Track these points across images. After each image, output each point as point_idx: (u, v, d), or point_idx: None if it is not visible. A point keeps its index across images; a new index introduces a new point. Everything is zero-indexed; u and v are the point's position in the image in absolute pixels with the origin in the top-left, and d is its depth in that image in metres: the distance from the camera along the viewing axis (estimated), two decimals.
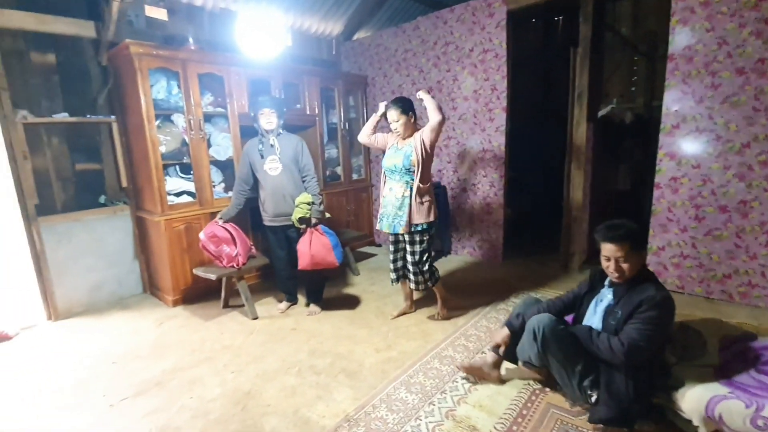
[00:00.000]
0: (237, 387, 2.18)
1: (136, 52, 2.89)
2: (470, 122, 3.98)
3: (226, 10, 3.96)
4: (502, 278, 3.60)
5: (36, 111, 2.99)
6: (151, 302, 3.42)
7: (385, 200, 2.70)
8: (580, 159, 3.47)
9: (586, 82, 3.33)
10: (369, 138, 2.83)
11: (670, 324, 1.75)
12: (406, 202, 2.56)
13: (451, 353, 2.40)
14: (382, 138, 2.80)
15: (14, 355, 2.65)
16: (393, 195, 2.61)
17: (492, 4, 3.62)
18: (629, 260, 1.72)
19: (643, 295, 1.68)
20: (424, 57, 4.19)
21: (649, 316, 1.64)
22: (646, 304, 1.65)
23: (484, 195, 4.04)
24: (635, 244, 1.74)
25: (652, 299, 1.65)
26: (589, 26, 3.28)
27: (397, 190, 2.59)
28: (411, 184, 2.56)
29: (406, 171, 2.56)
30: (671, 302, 1.69)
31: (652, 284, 1.72)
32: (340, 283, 3.70)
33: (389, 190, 2.65)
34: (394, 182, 2.63)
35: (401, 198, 2.57)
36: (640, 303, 1.67)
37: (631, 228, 1.74)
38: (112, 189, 3.42)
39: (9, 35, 2.84)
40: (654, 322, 1.64)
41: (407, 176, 2.57)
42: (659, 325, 1.65)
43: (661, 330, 1.67)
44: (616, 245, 1.72)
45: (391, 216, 2.62)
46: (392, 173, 2.64)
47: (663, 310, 1.66)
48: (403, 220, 2.56)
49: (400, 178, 2.59)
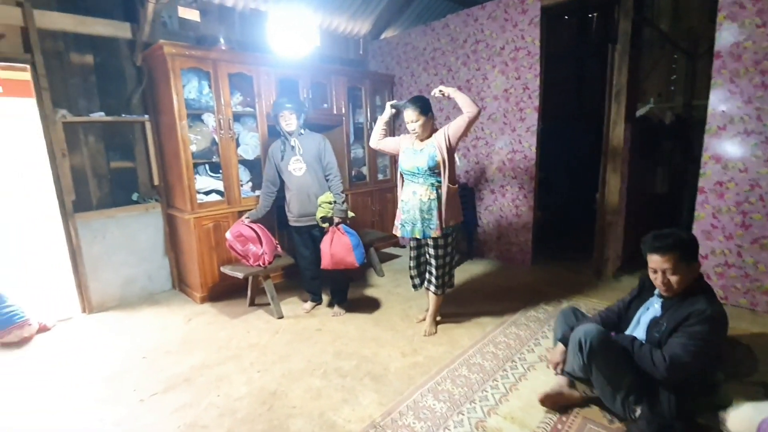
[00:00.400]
0: (263, 386, 2.18)
1: (169, 52, 2.94)
2: (500, 122, 3.88)
3: (256, 11, 3.99)
4: (531, 283, 3.49)
5: (74, 110, 3.08)
6: (179, 298, 3.49)
7: (407, 204, 2.54)
8: (616, 160, 3.32)
9: (624, 81, 3.18)
10: (378, 143, 2.72)
11: (720, 342, 1.61)
12: (434, 205, 2.44)
13: (479, 361, 2.33)
14: (392, 141, 2.69)
15: (52, 346, 2.74)
16: (418, 198, 2.47)
17: (525, 1, 3.51)
18: (678, 272, 1.61)
19: (692, 308, 1.57)
20: (453, 55, 4.11)
21: (697, 331, 1.53)
22: (694, 318, 1.54)
23: (512, 197, 3.93)
24: (685, 254, 1.61)
25: (701, 313, 1.54)
26: (629, 22, 3.13)
27: (422, 193, 2.46)
28: (437, 186, 2.46)
29: (430, 173, 2.44)
30: (724, 318, 1.57)
31: (704, 297, 1.60)
32: (364, 284, 3.68)
33: (412, 194, 2.50)
34: (417, 185, 2.49)
35: (428, 201, 2.44)
36: (687, 316, 1.57)
37: (680, 237, 1.62)
38: (144, 187, 3.50)
39: (50, 36, 2.94)
40: (701, 338, 1.53)
41: (432, 178, 2.44)
42: (707, 342, 1.54)
43: (708, 347, 1.55)
44: (663, 256, 1.61)
45: (419, 221, 2.48)
46: (414, 176, 2.50)
47: (713, 326, 1.54)
48: (434, 224, 2.46)
49: (425, 181, 2.46)
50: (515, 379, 2.14)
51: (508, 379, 2.14)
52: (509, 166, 3.89)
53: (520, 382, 2.12)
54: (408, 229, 2.56)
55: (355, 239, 2.87)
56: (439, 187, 2.46)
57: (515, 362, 2.31)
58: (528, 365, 2.27)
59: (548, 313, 2.91)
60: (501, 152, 3.93)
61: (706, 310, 1.54)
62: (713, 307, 1.56)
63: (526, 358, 2.35)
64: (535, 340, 2.55)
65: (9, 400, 2.15)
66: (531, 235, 3.85)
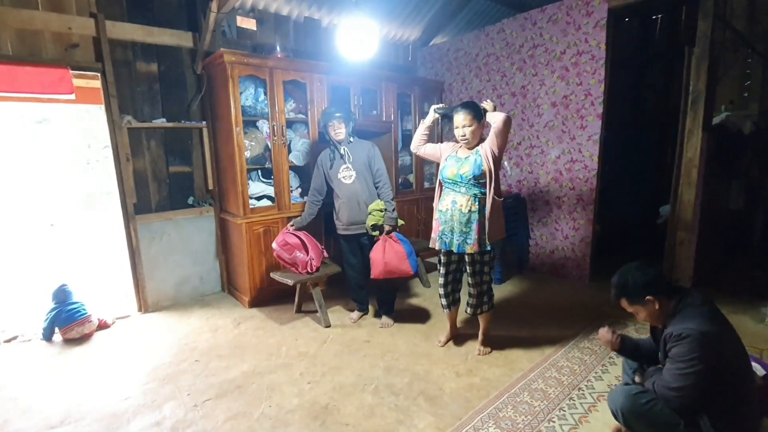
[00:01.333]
0: (314, 399, 2.13)
1: (229, 60, 3.00)
2: (558, 130, 3.68)
3: (310, 19, 4.03)
4: (590, 303, 3.26)
5: (139, 116, 3.21)
6: (229, 301, 3.54)
7: (444, 215, 2.39)
8: (691, 173, 3.05)
9: (703, 86, 2.92)
10: (419, 148, 2.60)
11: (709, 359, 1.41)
12: (474, 218, 2.29)
13: (542, 386, 2.17)
14: (433, 148, 2.56)
15: (111, 344, 2.83)
16: (457, 209, 2.32)
17: (590, 2, 3.31)
18: (638, 312, 1.59)
19: (667, 333, 1.50)
20: (508, 60, 3.96)
21: (675, 353, 1.45)
22: (670, 342, 1.48)
23: (569, 209, 3.71)
24: (630, 297, 1.59)
25: (671, 336, 1.47)
26: (709, 23, 2.87)
27: (463, 204, 2.30)
28: (480, 197, 2.29)
29: (475, 182, 2.28)
30: (698, 333, 1.41)
31: (679, 318, 1.50)
32: (410, 294, 3.58)
33: (452, 204, 2.35)
34: (458, 195, 2.33)
35: (467, 213, 2.29)
36: (665, 342, 1.51)
37: (620, 283, 1.60)
38: (199, 191, 3.59)
39: (120, 46, 3.08)
40: (681, 359, 1.43)
41: (475, 188, 2.29)
42: (689, 361, 1.41)
43: (692, 365, 1.40)
44: (617, 302, 1.64)
45: (457, 233, 2.35)
46: (456, 185, 2.34)
47: (688, 344, 1.42)
48: (471, 238, 2.30)
49: (467, 191, 2.30)
50: (584, 410, 1.97)
51: (576, 410, 1.97)
52: (567, 176, 3.68)
53: (590, 414, 1.94)
54: (446, 242, 2.42)
55: (408, 247, 2.80)
56: (481, 198, 2.30)
57: (582, 390, 2.13)
58: (597, 394, 2.09)
59: None
60: (558, 161, 3.73)
61: (674, 331, 1.47)
62: (684, 325, 1.45)
63: (594, 386, 2.16)
64: (602, 367, 2.35)
65: (72, 396, 2.23)
66: (590, 250, 3.61)
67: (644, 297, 1.56)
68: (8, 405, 2.17)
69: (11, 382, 2.39)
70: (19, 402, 2.19)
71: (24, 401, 2.19)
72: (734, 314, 2.90)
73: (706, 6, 2.90)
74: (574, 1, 3.42)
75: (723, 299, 3.14)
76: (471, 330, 2.74)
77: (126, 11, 3.09)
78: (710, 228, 3.54)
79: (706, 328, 1.42)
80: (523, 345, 2.63)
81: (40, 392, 2.27)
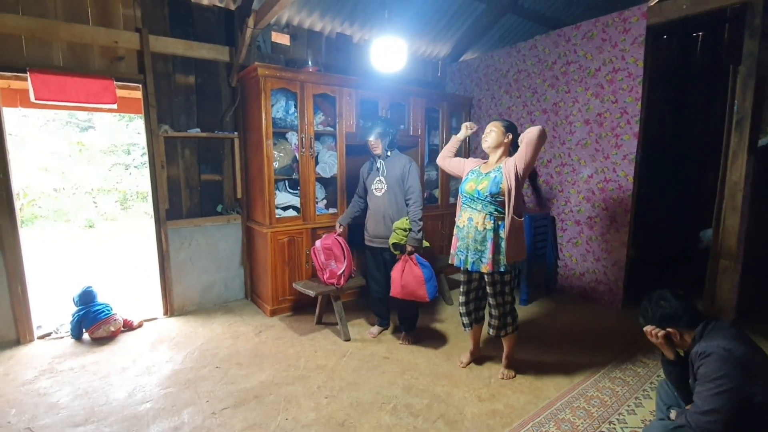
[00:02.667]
0: (331, 415, 2.09)
1: (263, 73, 3.09)
2: (591, 148, 3.57)
3: (341, 35, 4.12)
4: (623, 330, 3.09)
5: (175, 126, 3.34)
6: (251, 309, 3.57)
7: (461, 231, 2.35)
8: (736, 197, 2.87)
9: (749, 107, 2.76)
10: (445, 160, 2.58)
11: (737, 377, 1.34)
12: (489, 236, 2.22)
13: (569, 417, 2.05)
14: (458, 162, 2.52)
15: (136, 345, 2.90)
16: (473, 227, 2.27)
17: (628, 19, 3.23)
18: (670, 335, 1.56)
19: (693, 353, 1.47)
20: (540, 77, 3.90)
21: (702, 374, 1.41)
22: (696, 363, 1.44)
23: (602, 230, 3.56)
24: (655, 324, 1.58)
25: (697, 355, 1.44)
26: (756, 41, 2.74)
27: (479, 221, 2.25)
28: (495, 215, 2.22)
29: (491, 200, 2.22)
30: (722, 351, 1.36)
31: (703, 338, 1.47)
32: (433, 311, 3.51)
33: (468, 220, 2.31)
34: (474, 212, 2.28)
35: (483, 231, 2.23)
36: (692, 363, 1.48)
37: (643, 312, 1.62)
38: (228, 199, 3.67)
39: (161, 59, 3.23)
40: (709, 378, 1.38)
41: (491, 206, 2.22)
42: (717, 380, 1.35)
43: (721, 384, 1.34)
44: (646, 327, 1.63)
45: (471, 251, 2.29)
46: (473, 201, 2.29)
47: (715, 362, 1.36)
48: (486, 257, 2.23)
49: (483, 208, 2.24)
50: None
51: None
52: (600, 196, 3.55)
53: None
54: (462, 258, 2.36)
55: (428, 272, 2.72)
56: (498, 217, 2.23)
57: (614, 424, 2.00)
58: (630, 430, 1.96)
59: (648, 368, 2.53)
60: (590, 180, 3.61)
61: (699, 349, 1.44)
62: (708, 343, 1.42)
63: (626, 420, 2.03)
64: (635, 400, 2.20)
65: (97, 395, 2.27)
66: (623, 274, 3.45)
67: (665, 328, 1.55)
68: (37, 400, 2.24)
69: (42, 376, 2.47)
70: (48, 398, 2.26)
71: (52, 397, 2.26)
72: None
73: (753, 24, 2.77)
74: (610, 18, 3.34)
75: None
76: (494, 352, 2.64)
77: (168, 26, 3.25)
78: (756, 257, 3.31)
79: (732, 346, 1.38)
80: (550, 371, 2.51)
81: (67, 389, 2.34)
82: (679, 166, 4.72)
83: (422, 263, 2.73)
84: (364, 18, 3.99)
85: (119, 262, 5.37)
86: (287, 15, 3.70)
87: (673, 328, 1.54)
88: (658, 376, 2.41)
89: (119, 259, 5.65)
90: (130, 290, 4.07)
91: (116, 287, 4.11)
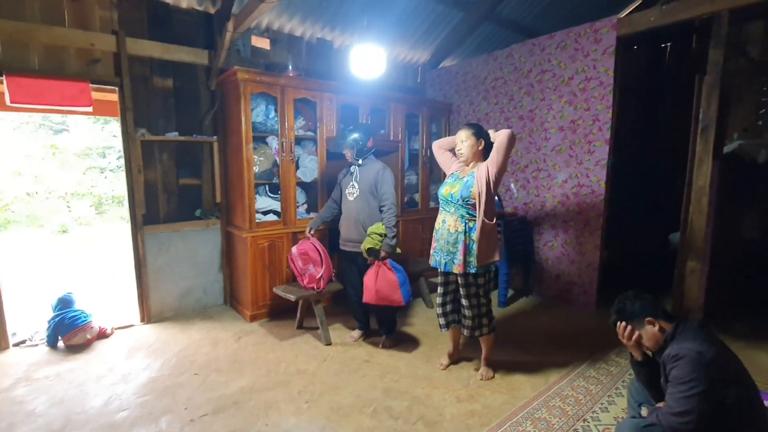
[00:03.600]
0: (312, 419, 2.09)
1: (242, 77, 3.08)
2: (565, 154, 3.68)
3: (322, 40, 4.14)
4: (597, 330, 3.19)
5: (153, 130, 3.29)
6: (230, 315, 3.53)
7: (437, 233, 2.43)
8: (702, 202, 3.01)
9: (714, 115, 2.91)
10: (440, 149, 2.58)
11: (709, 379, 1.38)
12: (460, 239, 2.29)
13: (545, 416, 2.11)
14: (447, 159, 2.54)
15: (111, 353, 2.83)
16: (446, 229, 2.35)
17: (599, 30, 3.36)
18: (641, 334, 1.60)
19: (665, 354, 1.50)
20: (516, 85, 4.01)
21: (675, 376, 1.43)
22: (669, 365, 1.47)
23: (576, 234, 3.67)
24: (632, 321, 1.62)
25: (669, 357, 1.46)
26: (720, 50, 2.88)
27: (451, 224, 2.33)
28: (467, 219, 2.30)
29: (462, 203, 2.29)
30: (693, 354, 1.40)
31: (676, 341, 1.50)
32: (412, 314, 3.54)
33: (442, 223, 2.39)
34: (448, 214, 2.36)
35: (454, 233, 2.31)
36: (664, 365, 1.50)
37: (620, 308, 1.65)
38: (207, 203, 3.63)
39: (138, 62, 3.19)
40: (681, 381, 1.40)
41: (463, 209, 2.30)
42: (689, 382, 1.38)
43: (693, 386, 1.38)
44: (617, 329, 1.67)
45: (444, 252, 2.36)
46: (447, 204, 2.37)
47: (686, 364, 1.40)
48: (457, 258, 2.30)
49: (455, 211, 2.32)
50: None
51: None
52: (574, 200, 3.66)
53: None
54: (437, 259, 2.44)
55: (402, 276, 2.74)
56: (469, 220, 2.30)
57: (587, 422, 2.06)
58: (603, 427, 2.02)
59: (621, 367, 2.62)
60: (565, 185, 3.72)
61: (671, 352, 1.46)
62: (680, 345, 1.45)
63: (599, 418, 2.10)
64: (608, 398, 2.28)
65: (73, 403, 2.21)
66: (597, 276, 3.56)
67: (644, 319, 1.59)
68: (14, 408, 2.18)
69: (18, 384, 2.40)
70: (24, 406, 2.20)
71: (29, 405, 2.21)
72: (747, 348, 2.82)
73: (718, 34, 2.92)
74: (582, 29, 3.47)
75: (736, 333, 3.07)
76: (473, 353, 2.69)
77: (146, 29, 3.21)
78: (723, 258, 3.47)
79: (703, 349, 1.42)
80: (527, 371, 2.57)
81: (44, 397, 2.28)
82: (648, 171, 4.91)
83: (396, 268, 2.77)
84: (345, 23, 4.02)
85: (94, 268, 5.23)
86: (267, 19, 3.70)
87: (653, 317, 1.57)
88: (629, 374, 2.49)
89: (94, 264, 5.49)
90: (106, 297, 3.96)
91: (91, 294, 3.99)
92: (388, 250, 2.75)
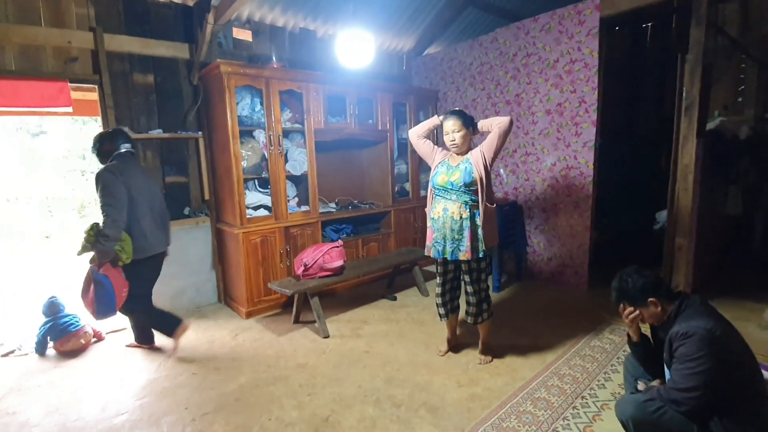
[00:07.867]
0: (314, 412, 2.10)
1: (225, 70, 3.01)
2: (553, 137, 3.71)
3: (305, 30, 4.07)
4: (590, 309, 3.25)
5: (135, 127, 3.20)
6: (225, 312, 3.50)
7: (437, 223, 2.38)
8: (687, 179, 3.07)
9: (697, 93, 2.95)
10: (419, 139, 2.52)
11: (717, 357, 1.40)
12: (466, 225, 2.28)
13: (545, 395, 2.15)
14: (429, 147, 2.50)
15: (107, 356, 2.78)
16: (449, 217, 2.32)
17: (583, 11, 3.36)
18: (643, 313, 1.63)
19: (672, 332, 1.50)
20: (502, 69, 4.00)
21: (682, 353, 1.44)
22: (676, 342, 1.48)
23: (566, 216, 3.72)
24: (632, 301, 1.63)
25: (677, 335, 1.47)
26: (702, 30, 2.92)
27: (455, 211, 2.31)
28: (471, 204, 2.30)
29: (465, 190, 2.28)
30: (704, 331, 1.42)
31: (683, 318, 1.52)
32: (409, 303, 3.56)
33: (443, 211, 2.35)
34: (449, 202, 2.33)
35: (459, 220, 2.29)
36: (670, 342, 1.51)
37: (620, 287, 1.65)
38: (195, 201, 3.57)
39: (117, 58, 3.09)
40: (689, 358, 1.42)
41: (466, 195, 2.29)
42: (697, 359, 1.40)
43: (701, 363, 1.40)
44: (617, 305, 1.69)
45: (449, 241, 2.34)
46: (447, 192, 2.34)
47: (694, 342, 1.42)
48: (464, 245, 2.30)
49: (458, 198, 2.30)
50: (588, 419, 1.95)
51: (581, 419, 1.95)
52: (563, 183, 3.70)
53: (594, 423, 1.92)
54: (439, 249, 2.41)
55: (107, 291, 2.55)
56: (473, 206, 2.31)
57: (586, 399, 2.11)
58: (601, 403, 2.07)
59: (615, 344, 2.68)
60: (554, 168, 3.74)
61: (680, 330, 1.47)
62: (689, 323, 1.46)
63: (597, 394, 2.14)
64: (604, 374, 2.33)
65: (70, 410, 2.18)
66: (587, 257, 3.61)
67: (646, 299, 1.58)
68: (7, 419, 2.13)
69: (10, 395, 2.34)
70: (18, 416, 2.15)
71: (22, 416, 2.15)
72: (736, 320, 2.87)
73: (699, 14, 2.94)
74: (566, 11, 3.47)
75: (724, 305, 3.14)
76: (471, 339, 2.71)
77: (124, 24, 3.11)
78: (709, 234, 3.56)
79: (711, 326, 1.43)
80: (524, 353, 2.61)
81: (38, 407, 2.22)
82: (635, 151, 4.98)
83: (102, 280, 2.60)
84: (327, 13, 3.95)
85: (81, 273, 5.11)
86: (248, 10, 3.61)
87: (654, 297, 1.57)
88: (623, 351, 2.55)
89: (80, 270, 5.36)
90: None
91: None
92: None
